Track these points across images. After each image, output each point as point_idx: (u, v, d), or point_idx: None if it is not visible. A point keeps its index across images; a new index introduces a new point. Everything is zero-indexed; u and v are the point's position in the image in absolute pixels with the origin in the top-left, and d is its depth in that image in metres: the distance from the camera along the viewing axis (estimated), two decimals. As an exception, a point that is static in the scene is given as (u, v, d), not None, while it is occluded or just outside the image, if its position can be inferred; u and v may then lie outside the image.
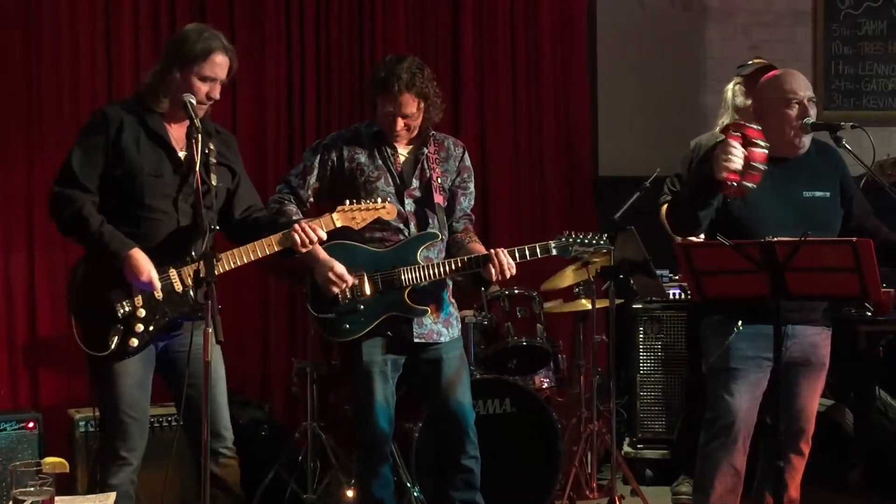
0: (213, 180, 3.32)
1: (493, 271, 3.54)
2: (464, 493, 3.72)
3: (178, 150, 3.32)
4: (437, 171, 3.72)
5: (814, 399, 3.53)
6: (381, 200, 3.49)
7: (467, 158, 3.83)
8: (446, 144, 3.80)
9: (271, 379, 5.37)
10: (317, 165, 3.71)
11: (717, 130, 4.44)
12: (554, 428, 4.37)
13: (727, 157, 3.22)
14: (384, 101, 3.61)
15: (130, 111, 3.31)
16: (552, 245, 3.64)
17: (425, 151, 3.73)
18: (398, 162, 3.72)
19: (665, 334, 5.14)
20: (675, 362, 5.10)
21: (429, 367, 3.69)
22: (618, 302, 4.57)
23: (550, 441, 4.36)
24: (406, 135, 3.69)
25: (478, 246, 3.72)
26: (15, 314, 5.02)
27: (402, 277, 3.59)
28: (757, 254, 3.08)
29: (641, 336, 5.16)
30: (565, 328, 5.26)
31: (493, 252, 3.56)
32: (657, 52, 6.00)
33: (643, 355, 5.16)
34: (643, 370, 5.16)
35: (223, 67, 3.31)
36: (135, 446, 3.28)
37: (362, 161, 3.69)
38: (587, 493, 4.71)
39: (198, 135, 3.16)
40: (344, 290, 3.54)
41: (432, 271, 3.60)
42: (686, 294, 4.97)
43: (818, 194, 3.44)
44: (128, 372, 3.25)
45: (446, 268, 3.60)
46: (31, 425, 4.37)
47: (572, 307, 4.87)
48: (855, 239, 3.02)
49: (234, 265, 3.33)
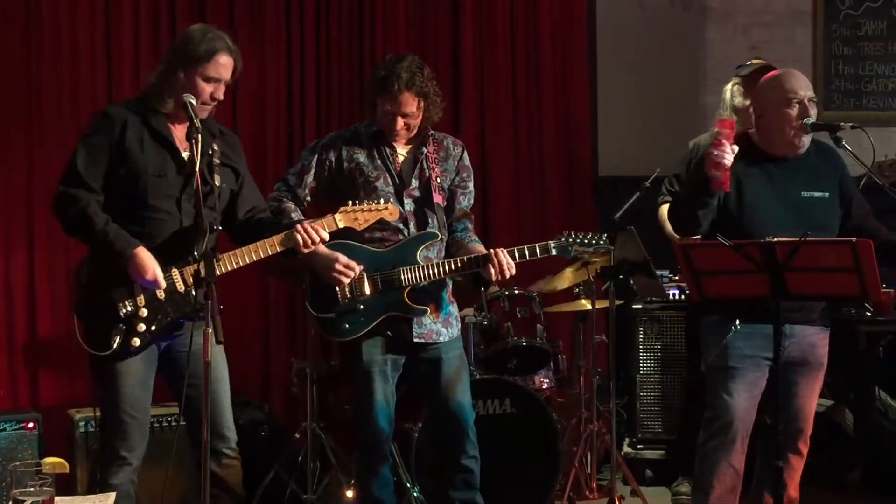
0: (216, 181, 3.33)
1: (492, 271, 3.54)
2: (463, 493, 3.72)
3: (182, 150, 3.32)
4: (437, 170, 3.72)
5: (812, 399, 3.53)
6: (383, 201, 3.49)
7: (466, 158, 3.83)
8: (445, 144, 3.80)
9: (271, 379, 5.37)
10: (314, 165, 3.71)
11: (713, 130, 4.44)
12: (554, 428, 4.37)
13: (719, 154, 3.24)
14: (384, 101, 3.61)
15: (134, 111, 3.31)
16: (552, 245, 3.64)
17: (424, 151, 3.73)
18: (397, 162, 3.72)
19: (665, 334, 5.13)
20: (675, 362, 5.09)
21: (428, 366, 3.69)
22: (618, 302, 4.57)
23: (550, 441, 4.36)
24: (406, 134, 3.69)
25: (477, 246, 3.72)
26: (15, 314, 5.01)
27: (402, 277, 3.59)
28: (757, 254, 3.08)
29: (641, 336, 5.15)
30: (565, 328, 5.26)
31: (492, 252, 3.56)
32: (657, 52, 6.00)
33: (643, 356, 5.15)
34: (643, 370, 5.15)
35: (227, 68, 3.31)
36: (135, 446, 3.28)
37: (361, 161, 3.69)
38: (587, 493, 4.70)
39: (197, 135, 3.15)
40: (353, 279, 3.53)
41: (432, 271, 3.60)
42: (685, 294, 4.97)
43: (817, 194, 3.44)
44: (129, 371, 3.25)
45: (446, 268, 3.60)
46: (31, 425, 4.37)
47: (572, 307, 4.86)
48: (854, 239, 3.03)
49: (235, 265, 3.33)
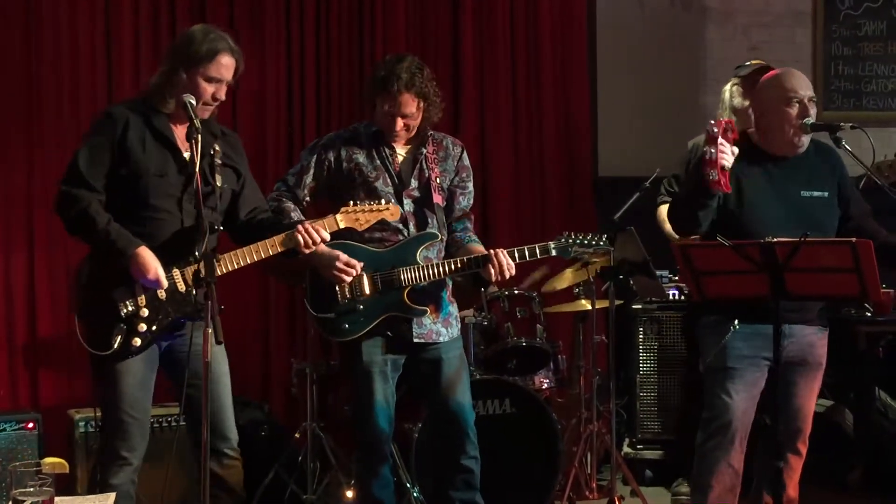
0: (217, 181, 3.33)
1: (492, 272, 3.54)
2: (463, 493, 3.72)
3: (184, 150, 3.31)
4: (436, 170, 3.72)
5: (811, 399, 3.53)
6: (384, 202, 3.49)
7: (466, 158, 3.83)
8: (445, 144, 3.80)
9: (271, 379, 5.37)
10: (313, 165, 3.71)
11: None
12: (554, 428, 4.37)
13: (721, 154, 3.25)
14: (383, 101, 3.61)
15: (136, 111, 3.31)
16: (552, 246, 3.64)
17: (424, 151, 3.73)
18: (396, 162, 3.72)
19: (665, 335, 5.13)
20: (674, 363, 5.09)
21: (428, 367, 3.69)
22: (617, 302, 4.57)
23: (550, 441, 4.36)
24: (405, 135, 3.69)
25: (477, 246, 3.72)
26: (15, 314, 5.01)
27: (402, 277, 3.59)
28: (756, 254, 3.08)
29: (641, 336, 5.15)
30: (565, 328, 5.26)
31: (492, 252, 3.56)
32: (657, 52, 6.00)
33: (643, 356, 5.14)
34: (643, 371, 5.15)
35: (229, 69, 3.31)
36: (135, 446, 3.27)
37: (361, 161, 3.69)
38: (587, 493, 4.70)
39: (197, 135, 3.15)
40: (354, 277, 3.53)
41: (432, 271, 3.59)
42: (685, 294, 4.97)
43: (816, 194, 3.44)
44: (130, 371, 3.25)
45: (446, 268, 3.60)
46: (30, 425, 4.37)
47: (572, 307, 4.87)
48: (854, 239, 3.02)
49: (236, 265, 3.32)
